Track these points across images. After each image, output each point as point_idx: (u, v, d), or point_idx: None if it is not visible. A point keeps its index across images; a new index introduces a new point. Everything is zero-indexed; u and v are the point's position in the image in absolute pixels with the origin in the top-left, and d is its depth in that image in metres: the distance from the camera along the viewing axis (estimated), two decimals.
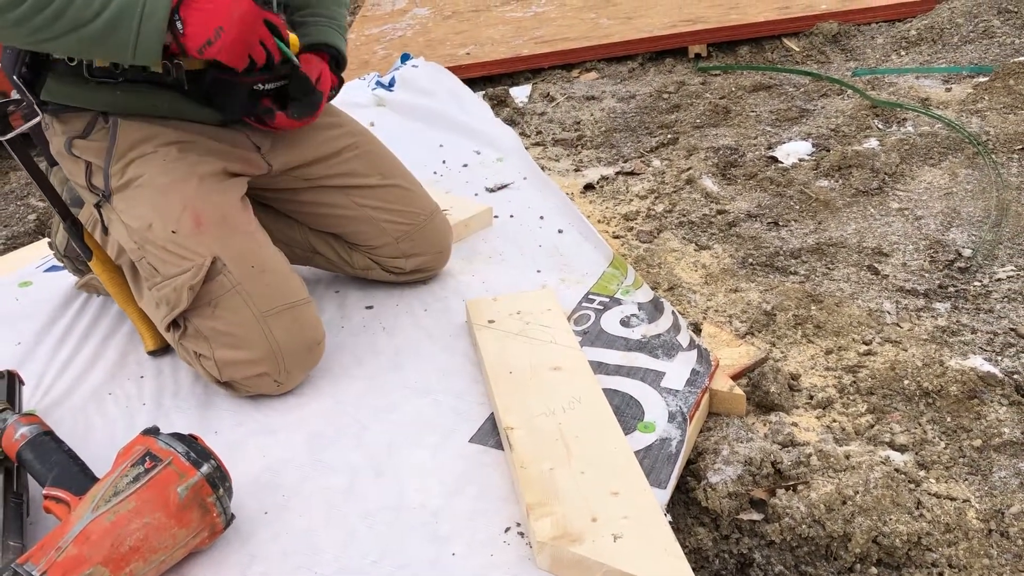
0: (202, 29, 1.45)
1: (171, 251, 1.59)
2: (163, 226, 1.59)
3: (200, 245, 1.59)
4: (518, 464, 1.39)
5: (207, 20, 1.45)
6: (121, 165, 1.64)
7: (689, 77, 3.59)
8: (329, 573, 1.26)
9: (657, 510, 1.29)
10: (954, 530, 1.40)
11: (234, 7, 1.46)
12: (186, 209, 1.60)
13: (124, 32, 1.41)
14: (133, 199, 1.63)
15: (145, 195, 1.63)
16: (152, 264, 1.62)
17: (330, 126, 1.88)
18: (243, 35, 1.48)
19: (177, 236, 1.59)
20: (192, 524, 1.23)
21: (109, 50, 1.45)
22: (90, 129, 1.66)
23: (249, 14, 1.48)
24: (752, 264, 2.23)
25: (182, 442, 1.26)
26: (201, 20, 1.44)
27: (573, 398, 1.54)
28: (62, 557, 1.15)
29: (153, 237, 1.60)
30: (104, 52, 1.46)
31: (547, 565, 1.24)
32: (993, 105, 2.84)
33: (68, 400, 1.70)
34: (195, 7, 1.45)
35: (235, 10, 1.46)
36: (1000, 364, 1.73)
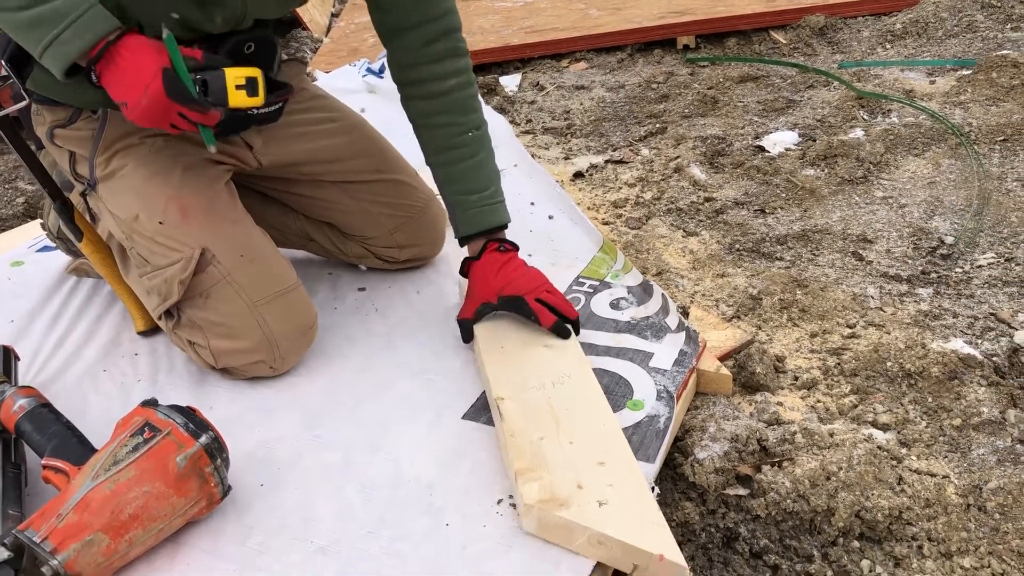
0: (111, 91, 1.39)
1: (159, 242, 1.59)
2: (149, 217, 1.59)
3: (188, 236, 1.58)
4: (508, 433, 1.42)
5: (113, 89, 1.38)
6: (107, 155, 1.63)
7: (677, 68, 3.63)
8: (326, 543, 1.29)
9: (641, 480, 1.33)
10: (934, 505, 1.44)
11: (140, 93, 1.35)
12: (171, 200, 1.59)
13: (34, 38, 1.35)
14: (118, 189, 1.62)
15: (129, 185, 1.62)
16: (141, 254, 1.62)
17: (324, 121, 1.85)
18: (149, 117, 1.38)
19: (164, 227, 1.58)
20: (190, 493, 1.25)
21: (27, 45, 1.38)
22: (74, 118, 1.64)
23: (154, 104, 1.35)
24: (739, 250, 2.26)
25: (181, 413, 1.28)
26: (110, 85, 1.38)
27: (563, 373, 1.57)
28: (62, 524, 1.16)
29: (140, 228, 1.60)
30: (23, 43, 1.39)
31: (533, 528, 1.28)
32: (976, 97, 2.88)
33: (63, 377, 1.71)
34: (107, 72, 1.37)
35: (140, 95, 1.35)
36: (980, 347, 1.77)
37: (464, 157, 1.73)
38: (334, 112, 1.90)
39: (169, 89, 1.33)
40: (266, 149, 1.77)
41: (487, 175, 1.75)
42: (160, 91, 1.33)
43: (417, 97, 1.71)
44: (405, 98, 1.74)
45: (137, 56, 1.35)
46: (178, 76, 1.35)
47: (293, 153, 1.80)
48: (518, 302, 1.66)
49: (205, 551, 1.29)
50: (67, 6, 1.33)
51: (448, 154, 1.73)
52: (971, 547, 1.38)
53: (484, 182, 1.74)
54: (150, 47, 1.36)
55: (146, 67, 1.34)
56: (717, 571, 1.41)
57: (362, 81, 3.35)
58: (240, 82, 1.40)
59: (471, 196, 1.73)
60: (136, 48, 1.36)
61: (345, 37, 4.54)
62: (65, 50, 1.34)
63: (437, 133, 1.72)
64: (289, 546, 1.29)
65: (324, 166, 1.84)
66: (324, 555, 1.27)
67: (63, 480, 1.27)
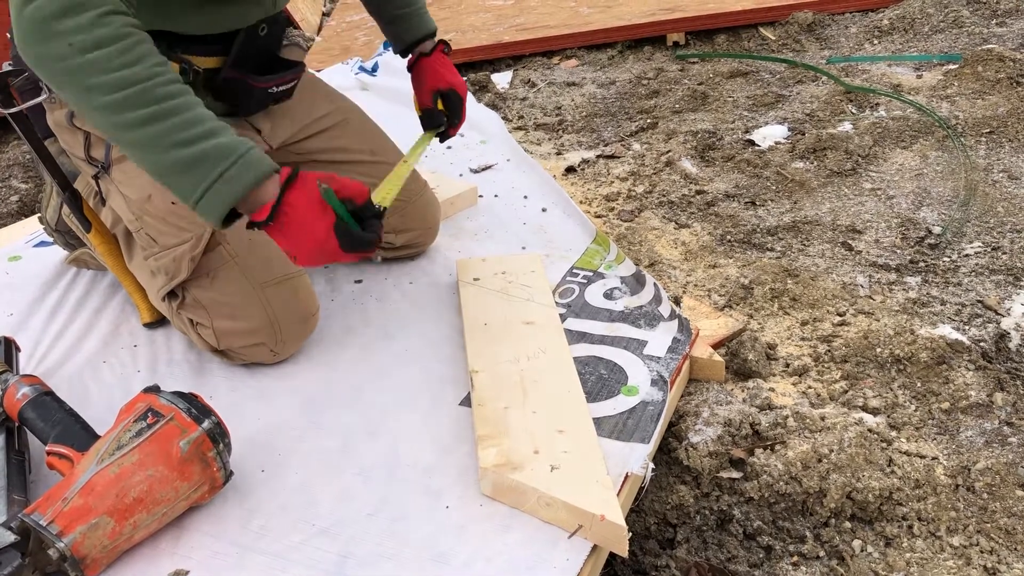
0: (282, 244, 1.34)
1: (170, 223, 1.62)
2: (162, 198, 1.62)
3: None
4: (476, 403, 1.49)
5: (283, 244, 1.33)
6: None
7: (667, 64, 3.65)
8: (327, 525, 1.31)
9: (596, 447, 1.38)
10: (923, 486, 1.46)
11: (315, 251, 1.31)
12: None
13: (194, 179, 1.27)
14: (132, 170, 1.65)
15: None
16: (150, 235, 1.64)
17: (324, 102, 1.92)
18: (312, 261, 1.34)
19: (177, 207, 1.61)
20: (193, 477, 1.27)
21: (171, 186, 1.30)
22: None
23: (330, 259, 1.34)
24: (730, 241, 2.29)
25: (183, 399, 1.30)
26: (281, 241, 1.33)
27: (539, 349, 1.63)
28: (68, 507, 1.18)
29: (152, 209, 1.63)
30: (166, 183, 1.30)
31: (489, 490, 1.34)
32: (962, 91, 2.92)
33: (63, 368, 1.73)
34: (274, 233, 1.32)
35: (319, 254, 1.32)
36: (967, 333, 1.80)
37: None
38: (330, 94, 1.98)
39: (344, 244, 1.31)
40: (274, 132, 1.82)
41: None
42: (336, 251, 1.31)
43: None
44: None
45: (305, 217, 1.30)
46: (349, 228, 1.31)
47: (295, 131, 1.87)
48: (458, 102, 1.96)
49: (208, 535, 1.30)
50: (232, 143, 1.28)
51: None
52: (960, 526, 1.41)
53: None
54: (316, 205, 1.30)
55: (318, 228, 1.30)
56: (711, 553, 1.43)
57: (355, 79, 3.37)
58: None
59: (409, 7, 1.96)
60: (302, 208, 1.30)
61: (337, 35, 4.56)
62: (229, 189, 1.26)
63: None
64: (290, 528, 1.31)
65: (322, 142, 1.90)
66: (325, 536, 1.29)
67: (67, 466, 1.29)
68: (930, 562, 1.36)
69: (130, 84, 1.22)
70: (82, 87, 1.22)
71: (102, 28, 1.21)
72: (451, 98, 1.95)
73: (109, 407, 1.58)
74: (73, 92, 1.24)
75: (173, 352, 1.76)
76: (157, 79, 1.24)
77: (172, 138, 1.24)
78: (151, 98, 1.23)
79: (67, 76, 1.22)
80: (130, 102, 1.22)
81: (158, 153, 1.25)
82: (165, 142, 1.24)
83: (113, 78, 1.21)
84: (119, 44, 1.22)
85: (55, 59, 1.21)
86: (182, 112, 1.26)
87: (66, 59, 1.21)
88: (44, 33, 1.21)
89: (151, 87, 1.23)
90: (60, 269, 2.09)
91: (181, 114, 1.25)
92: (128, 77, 1.22)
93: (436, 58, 1.96)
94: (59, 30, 1.20)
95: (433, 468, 1.41)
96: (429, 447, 1.46)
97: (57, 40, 1.20)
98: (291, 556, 1.26)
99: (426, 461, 1.43)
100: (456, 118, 1.98)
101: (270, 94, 1.71)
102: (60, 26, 1.20)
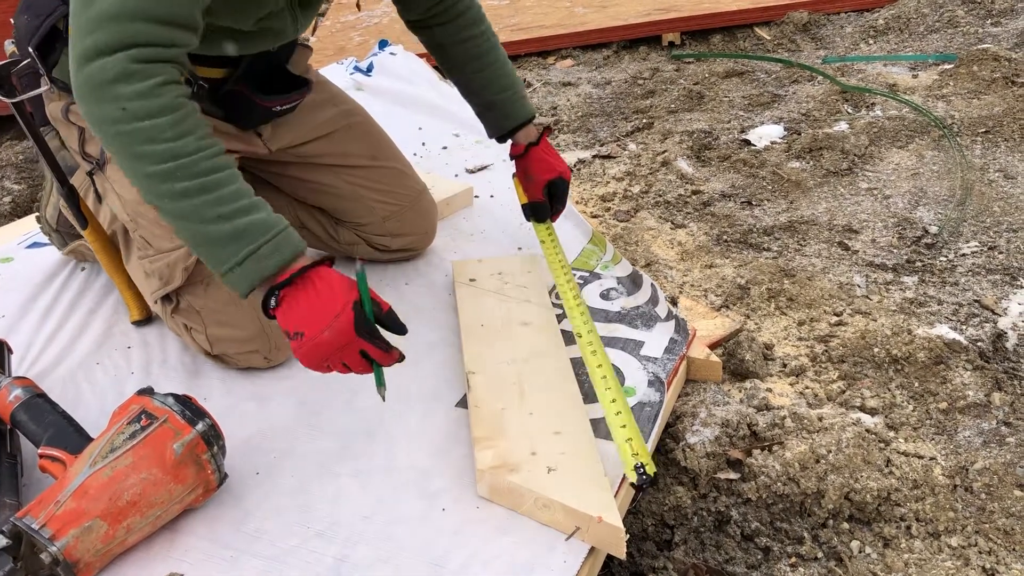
0: (288, 319, 1.28)
1: (164, 226, 1.59)
2: None
3: None
4: (473, 404, 1.48)
5: (294, 317, 1.28)
6: None
7: (663, 64, 3.65)
8: (322, 528, 1.30)
9: (593, 449, 1.37)
10: (921, 486, 1.46)
11: (326, 324, 1.25)
12: None
13: (227, 252, 1.27)
14: None
15: None
16: (144, 237, 1.63)
17: (327, 105, 1.89)
18: (324, 349, 1.27)
19: None
20: (187, 480, 1.26)
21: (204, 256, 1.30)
22: None
23: (338, 337, 1.26)
24: (727, 241, 2.29)
25: (177, 401, 1.29)
26: (290, 312, 1.28)
27: (536, 350, 1.62)
28: (61, 511, 1.17)
29: (146, 211, 1.61)
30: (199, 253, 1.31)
31: (486, 492, 1.33)
32: (958, 90, 2.92)
33: (56, 370, 1.71)
34: (292, 297, 1.28)
35: (325, 327, 1.25)
36: (965, 332, 1.80)
37: (493, 61, 1.88)
38: (335, 97, 1.94)
39: (359, 323, 1.26)
40: (274, 136, 1.81)
41: (512, 70, 1.92)
42: (349, 324, 1.25)
43: (440, 24, 1.84)
44: (427, 27, 1.86)
45: (331, 286, 1.28)
46: (367, 314, 1.28)
47: (297, 135, 1.85)
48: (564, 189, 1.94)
49: (203, 538, 1.29)
50: (268, 221, 1.29)
51: (479, 61, 1.87)
52: (958, 527, 1.40)
53: (514, 76, 1.92)
54: (343, 280, 1.29)
55: (337, 298, 1.27)
56: (709, 554, 1.42)
57: (350, 79, 3.35)
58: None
59: (508, 91, 1.89)
60: (330, 278, 1.29)
61: (332, 36, 4.55)
62: (261, 265, 1.27)
63: (466, 46, 1.86)
64: (286, 531, 1.30)
65: (323, 147, 1.88)
66: (321, 539, 1.28)
67: (60, 468, 1.28)
68: (928, 563, 1.35)
69: (178, 156, 1.24)
70: (131, 153, 1.24)
71: (157, 98, 1.23)
72: (559, 185, 1.94)
73: (102, 409, 1.57)
74: (122, 156, 1.25)
75: (167, 354, 1.75)
76: (204, 152, 1.26)
77: (212, 212, 1.26)
78: (197, 171, 1.25)
79: (118, 139, 1.24)
80: (176, 174, 1.24)
81: (197, 224, 1.26)
82: (207, 215, 1.26)
83: (163, 148, 1.23)
84: (172, 116, 1.23)
85: (108, 121, 1.23)
86: (224, 186, 1.27)
87: (119, 123, 1.22)
88: (101, 95, 1.22)
89: (198, 160, 1.25)
90: (53, 270, 2.08)
91: (222, 188, 1.27)
92: (177, 149, 1.23)
93: (544, 146, 1.93)
94: (116, 94, 1.21)
95: (430, 470, 1.40)
96: (425, 449, 1.45)
97: (112, 104, 1.21)
98: (286, 559, 1.25)
99: (422, 463, 1.42)
100: (561, 205, 1.97)
101: (273, 112, 1.70)
102: (117, 90, 1.21)
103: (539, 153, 1.92)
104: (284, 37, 1.63)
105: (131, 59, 1.21)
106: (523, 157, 1.93)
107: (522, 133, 1.93)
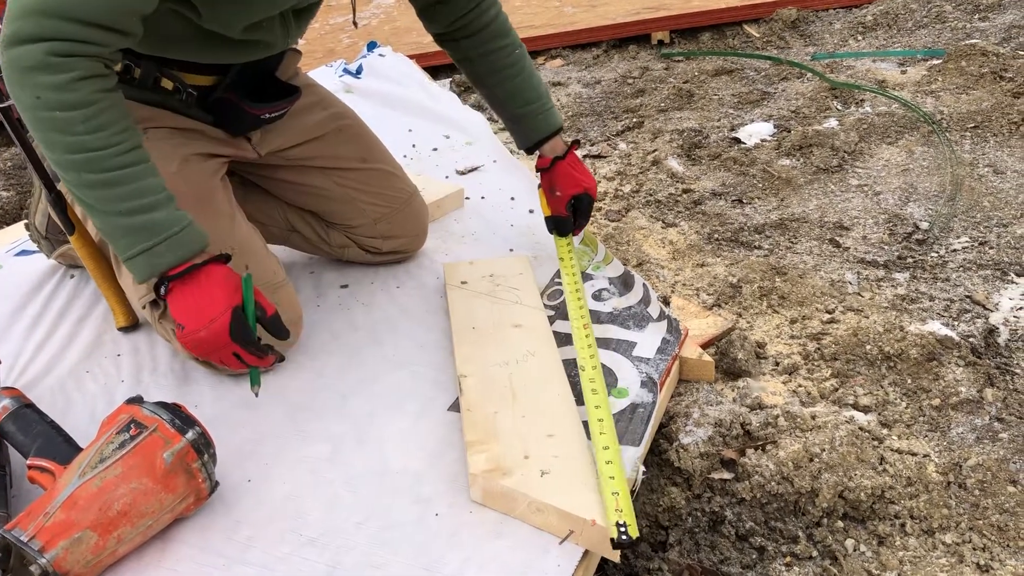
0: (174, 309, 1.37)
1: None
2: None
3: None
4: (465, 407, 1.47)
5: (178, 308, 1.37)
6: None
7: (653, 63, 3.65)
8: (315, 535, 1.29)
9: (586, 451, 1.37)
10: (915, 483, 1.46)
11: (203, 324, 1.34)
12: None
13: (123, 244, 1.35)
14: None
15: None
16: None
17: (316, 108, 1.88)
18: (202, 347, 1.37)
19: None
20: (178, 489, 1.25)
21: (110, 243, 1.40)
22: None
23: (213, 339, 1.35)
24: (718, 240, 2.28)
25: (167, 410, 1.28)
26: (176, 303, 1.37)
27: (528, 352, 1.62)
28: (50, 522, 1.16)
29: None
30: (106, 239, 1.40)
31: (479, 497, 1.32)
32: (946, 86, 2.93)
33: (45, 379, 1.70)
34: (179, 291, 1.37)
35: (202, 327, 1.34)
36: (956, 328, 1.80)
37: (519, 72, 1.87)
38: (324, 100, 1.93)
39: (234, 329, 1.35)
40: (264, 140, 1.80)
41: (539, 82, 1.91)
42: (224, 328, 1.34)
43: (467, 36, 1.84)
44: (452, 40, 1.86)
45: (214, 287, 1.36)
46: (246, 318, 1.37)
47: (287, 138, 1.84)
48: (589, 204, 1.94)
49: (194, 547, 1.28)
50: (167, 220, 1.35)
51: (505, 72, 1.86)
52: (952, 523, 1.40)
53: (541, 88, 1.90)
54: (229, 283, 1.37)
55: (218, 300, 1.35)
56: (704, 555, 1.42)
57: (339, 81, 3.34)
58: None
59: (534, 104, 1.88)
60: (216, 279, 1.37)
61: (320, 38, 4.54)
62: (154, 262, 1.35)
63: (493, 58, 1.86)
64: (278, 539, 1.29)
65: (313, 150, 1.87)
66: (313, 547, 1.27)
67: (49, 479, 1.26)
68: (923, 560, 1.35)
69: (86, 150, 1.29)
70: (45, 139, 1.30)
71: (71, 93, 1.27)
72: (584, 200, 1.93)
73: (92, 418, 1.56)
74: (39, 138, 1.31)
75: (157, 361, 1.74)
76: (113, 148, 1.31)
77: (116, 207, 1.32)
78: (104, 167, 1.31)
79: (32, 124, 1.30)
80: (83, 166, 1.30)
81: (101, 216, 1.34)
82: (109, 208, 1.33)
83: (71, 140, 1.28)
84: (84, 111, 1.28)
85: (27, 106, 1.28)
86: (130, 182, 1.33)
87: (35, 109, 1.27)
88: (22, 80, 1.26)
89: (106, 156, 1.30)
90: (41, 279, 2.06)
91: (127, 184, 1.33)
92: (85, 143, 1.29)
93: (571, 159, 1.93)
94: (35, 82, 1.26)
95: (422, 475, 1.39)
96: (418, 454, 1.44)
97: (29, 90, 1.26)
98: (279, 567, 1.24)
99: (415, 468, 1.41)
100: (585, 220, 1.98)
101: (262, 119, 1.70)
102: (36, 79, 1.25)
103: (565, 167, 1.91)
104: (274, 49, 1.63)
105: (47, 52, 1.24)
106: (549, 171, 1.93)
107: (548, 146, 1.92)
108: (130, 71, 1.57)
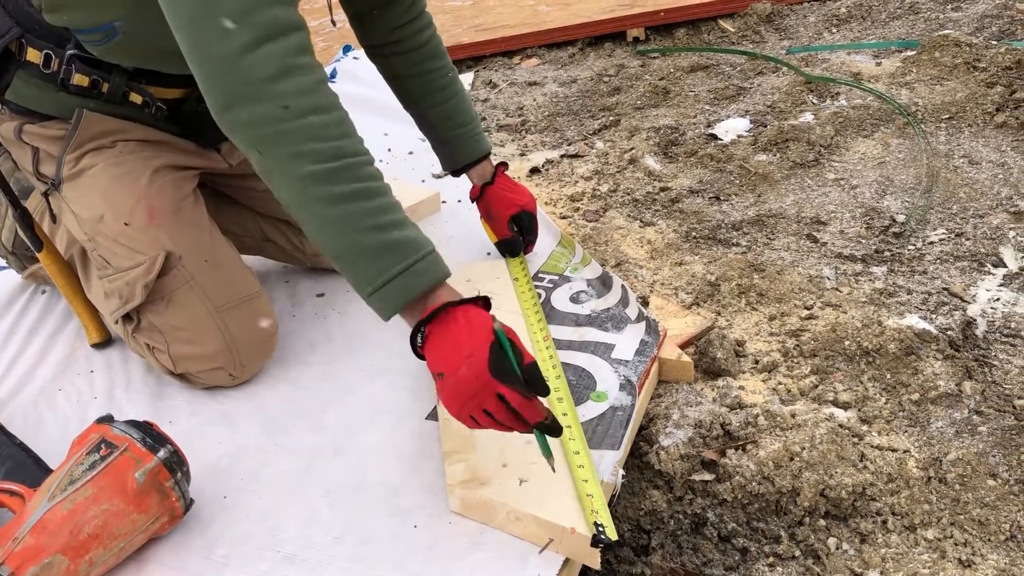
0: (433, 358, 1.22)
1: (123, 244, 1.57)
2: (115, 218, 1.57)
3: (153, 239, 1.57)
4: (443, 417, 1.46)
5: (436, 355, 1.21)
6: (77, 154, 1.61)
7: (628, 60, 3.64)
8: (293, 551, 1.28)
9: (564, 459, 1.36)
10: (896, 479, 1.46)
11: (460, 361, 1.17)
12: (140, 202, 1.58)
13: (379, 266, 1.20)
14: (84, 188, 1.60)
15: (97, 185, 1.60)
16: (103, 256, 1.60)
17: None
18: (461, 392, 1.18)
19: (129, 229, 1.57)
20: (151, 509, 1.24)
21: (350, 269, 1.23)
22: (48, 118, 1.61)
23: (473, 375, 1.17)
24: (695, 238, 2.28)
25: (137, 428, 1.26)
26: (433, 349, 1.22)
27: None
28: (19, 547, 1.14)
29: (104, 229, 1.58)
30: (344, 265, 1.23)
31: (458, 507, 1.31)
32: (921, 77, 2.93)
33: (17, 398, 1.68)
34: (435, 334, 1.21)
35: (460, 364, 1.17)
36: (934, 321, 1.80)
37: (452, 95, 1.88)
38: None
39: (494, 363, 1.17)
40: (233, 150, 1.78)
41: (470, 107, 1.92)
42: (484, 362, 1.16)
43: (399, 53, 1.83)
44: (383, 56, 1.85)
45: (472, 322, 1.20)
46: (504, 353, 1.19)
47: None
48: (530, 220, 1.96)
49: (170, 567, 1.27)
50: (421, 238, 1.23)
51: (437, 95, 1.87)
52: (933, 519, 1.40)
53: (471, 113, 1.91)
54: (486, 320, 1.21)
55: (476, 335, 1.18)
56: (687, 557, 1.41)
57: None
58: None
59: (466, 128, 1.89)
60: (472, 314, 1.22)
61: None
62: (411, 284, 1.20)
63: (425, 79, 1.85)
64: (256, 556, 1.27)
65: None
66: (291, 563, 1.25)
67: (19, 503, 1.24)
68: (905, 556, 1.35)
69: (344, 156, 1.18)
70: (292, 152, 1.16)
71: (321, 96, 1.18)
72: (524, 218, 1.95)
73: (64, 436, 1.53)
74: (279, 158, 1.17)
75: (131, 377, 1.72)
76: (365, 156, 1.21)
77: (368, 221, 1.18)
78: (359, 175, 1.19)
79: (277, 139, 1.16)
80: (339, 175, 1.17)
81: (350, 233, 1.19)
82: (361, 224, 1.18)
83: (329, 147, 1.17)
84: (336, 113, 1.19)
85: (266, 121, 1.16)
86: (381, 196, 1.21)
87: (280, 122, 1.15)
88: (258, 94, 1.15)
89: (361, 163, 1.20)
90: (12, 295, 2.04)
91: (379, 198, 1.21)
92: (344, 148, 1.18)
93: (500, 182, 1.93)
94: (276, 91, 1.15)
95: (400, 486, 1.38)
96: (395, 465, 1.43)
97: (271, 101, 1.15)
98: None
99: (393, 480, 1.40)
100: (532, 236, 1.99)
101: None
102: (277, 87, 1.15)
103: (496, 191, 1.92)
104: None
105: (286, 53, 1.15)
106: (481, 198, 1.95)
107: (476, 172, 1.93)
108: (98, 85, 1.55)
